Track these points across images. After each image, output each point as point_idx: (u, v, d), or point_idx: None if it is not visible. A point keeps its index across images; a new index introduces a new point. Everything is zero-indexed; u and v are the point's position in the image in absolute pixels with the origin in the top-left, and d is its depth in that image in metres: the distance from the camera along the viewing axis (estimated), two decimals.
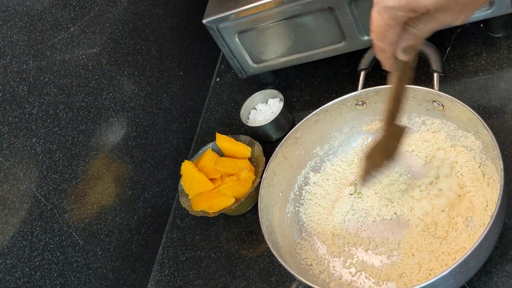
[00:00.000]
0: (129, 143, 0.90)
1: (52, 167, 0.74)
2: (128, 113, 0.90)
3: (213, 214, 0.86)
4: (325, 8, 0.85)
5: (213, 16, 0.92)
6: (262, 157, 0.89)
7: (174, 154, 1.01)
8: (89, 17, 0.83)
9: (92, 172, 0.81)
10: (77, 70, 0.80)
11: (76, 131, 0.79)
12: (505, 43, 0.85)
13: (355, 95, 0.78)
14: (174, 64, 1.04)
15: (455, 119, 0.73)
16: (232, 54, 0.97)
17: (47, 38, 0.75)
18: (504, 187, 0.59)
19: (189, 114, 1.07)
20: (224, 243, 0.88)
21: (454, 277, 0.57)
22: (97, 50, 0.85)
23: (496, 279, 0.64)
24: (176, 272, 0.89)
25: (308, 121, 0.80)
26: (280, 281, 0.78)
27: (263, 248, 0.84)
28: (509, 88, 0.80)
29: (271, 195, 0.78)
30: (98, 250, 0.80)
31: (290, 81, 1.05)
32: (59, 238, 0.74)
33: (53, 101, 0.75)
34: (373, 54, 0.80)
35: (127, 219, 0.87)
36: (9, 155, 0.68)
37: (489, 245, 0.61)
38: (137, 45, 0.94)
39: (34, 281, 0.69)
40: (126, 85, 0.90)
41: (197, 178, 0.90)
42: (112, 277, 0.82)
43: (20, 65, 0.70)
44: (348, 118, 0.82)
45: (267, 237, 0.70)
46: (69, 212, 0.76)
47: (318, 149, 0.84)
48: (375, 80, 0.92)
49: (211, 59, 1.17)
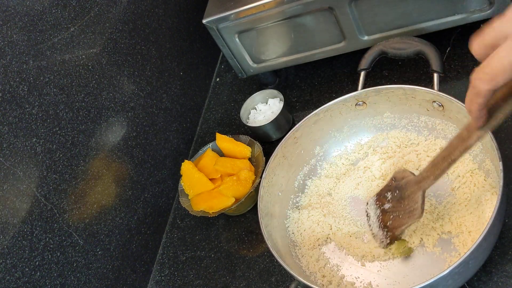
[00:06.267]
0: (129, 143, 0.90)
1: (52, 167, 0.74)
2: (128, 113, 0.90)
3: (213, 214, 0.86)
4: (325, 8, 0.85)
5: (213, 16, 0.92)
6: (262, 157, 0.89)
7: (174, 154, 1.01)
8: (89, 17, 0.83)
9: (92, 172, 0.81)
10: (77, 70, 0.80)
11: (76, 131, 0.79)
12: None
13: (355, 95, 0.78)
14: (174, 64, 1.04)
15: (455, 119, 0.73)
16: (232, 54, 0.97)
17: (47, 38, 0.75)
18: (504, 187, 0.59)
19: (189, 114, 1.07)
20: (224, 243, 0.88)
21: (453, 278, 0.57)
22: (97, 50, 0.85)
23: (496, 279, 0.64)
24: (176, 272, 0.89)
25: (308, 121, 0.80)
26: (280, 281, 0.78)
27: (263, 248, 0.84)
28: None
29: (271, 195, 0.78)
30: (98, 250, 0.80)
31: (290, 81, 1.05)
32: (59, 238, 0.74)
33: (53, 101, 0.75)
34: (373, 54, 0.80)
35: (127, 219, 0.87)
36: (9, 155, 0.68)
37: (488, 245, 0.61)
38: (137, 45, 0.94)
39: (34, 281, 0.69)
40: (126, 85, 0.90)
41: (197, 178, 0.90)
42: (112, 277, 0.82)
43: (20, 65, 0.70)
44: (348, 118, 0.82)
45: (266, 237, 0.70)
46: (69, 212, 0.76)
47: (318, 149, 0.84)
48: (375, 80, 0.92)
49: (211, 59, 1.17)
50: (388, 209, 0.71)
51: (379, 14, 0.84)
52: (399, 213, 0.68)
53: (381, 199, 0.73)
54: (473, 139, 0.56)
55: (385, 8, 0.83)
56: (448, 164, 0.61)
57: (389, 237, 0.69)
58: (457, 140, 0.59)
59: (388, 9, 0.83)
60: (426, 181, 0.65)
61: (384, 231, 0.70)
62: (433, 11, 0.82)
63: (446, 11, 0.82)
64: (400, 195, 0.69)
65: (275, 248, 0.70)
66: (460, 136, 0.59)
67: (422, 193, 0.66)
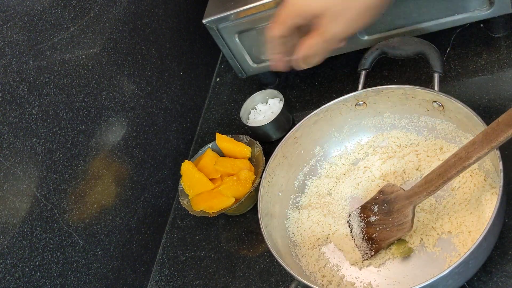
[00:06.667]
0: (129, 143, 0.90)
1: (52, 167, 0.74)
2: (128, 113, 0.90)
3: (213, 214, 0.86)
4: None
5: (213, 16, 0.92)
6: (262, 157, 0.89)
7: (174, 154, 1.01)
8: (89, 17, 0.83)
9: (92, 172, 0.81)
10: (77, 70, 0.80)
11: (76, 131, 0.79)
12: (505, 43, 0.85)
13: (355, 95, 0.78)
14: (174, 64, 1.04)
15: (455, 119, 0.73)
16: (232, 54, 0.97)
17: (47, 38, 0.75)
18: (504, 187, 0.59)
19: (189, 114, 1.07)
20: (224, 243, 0.88)
21: (453, 278, 0.57)
22: (97, 50, 0.85)
23: (496, 279, 0.64)
24: (176, 272, 0.89)
25: (308, 121, 0.80)
26: (280, 281, 0.78)
27: (263, 248, 0.84)
28: (509, 88, 0.80)
29: (271, 195, 0.78)
30: (98, 250, 0.80)
31: (290, 81, 1.05)
32: (59, 238, 0.74)
33: (53, 101, 0.75)
34: (373, 54, 0.80)
35: (127, 219, 0.87)
36: (9, 155, 0.68)
37: (488, 245, 0.61)
38: (137, 45, 0.94)
39: (34, 281, 0.69)
40: (126, 85, 0.90)
41: (197, 178, 0.90)
42: (112, 277, 0.82)
43: (20, 65, 0.70)
44: (348, 118, 0.82)
45: (266, 237, 0.70)
46: (69, 212, 0.76)
47: (318, 149, 0.84)
48: (375, 80, 0.92)
49: (211, 59, 1.17)
50: (374, 222, 0.71)
51: None
52: (386, 226, 0.69)
53: (366, 211, 0.73)
54: (472, 160, 0.57)
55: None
56: (443, 182, 0.62)
57: (374, 249, 0.70)
58: (454, 158, 0.60)
59: (388, 9, 0.83)
60: (418, 196, 0.65)
61: (368, 243, 0.71)
62: (433, 11, 0.82)
63: (446, 11, 0.82)
64: (389, 209, 0.70)
65: (275, 248, 0.70)
66: (458, 155, 0.60)
67: (413, 208, 0.66)
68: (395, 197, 0.70)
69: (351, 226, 0.75)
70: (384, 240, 0.70)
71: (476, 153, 0.58)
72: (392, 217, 0.69)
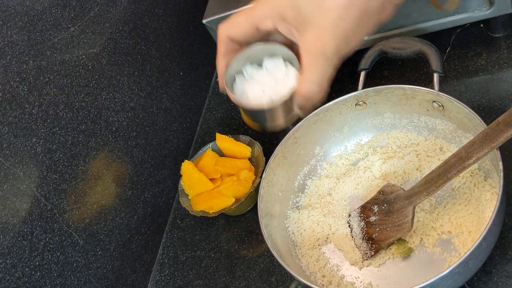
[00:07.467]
0: (129, 143, 0.90)
1: (52, 167, 0.74)
2: (128, 113, 0.90)
3: (213, 214, 0.86)
4: None
5: (213, 16, 0.92)
6: (262, 157, 0.89)
7: (174, 154, 1.01)
8: (89, 17, 0.83)
9: (92, 172, 0.81)
10: (77, 70, 0.80)
11: (76, 131, 0.79)
12: (505, 43, 0.85)
13: (355, 95, 0.78)
14: (174, 64, 1.04)
15: (455, 119, 0.73)
16: None
17: (47, 38, 0.75)
18: (504, 187, 0.59)
19: (189, 114, 1.07)
20: (224, 243, 0.88)
21: (453, 278, 0.57)
22: (97, 50, 0.85)
23: (496, 279, 0.64)
24: (176, 272, 0.89)
25: (308, 121, 0.80)
26: (280, 281, 0.78)
27: (263, 248, 0.84)
28: (509, 88, 0.80)
29: (271, 195, 0.78)
30: (98, 250, 0.80)
31: None
32: (59, 238, 0.74)
33: (53, 101, 0.75)
34: (373, 54, 0.80)
35: (127, 219, 0.87)
36: (9, 155, 0.68)
37: (488, 245, 0.61)
38: (137, 45, 0.94)
39: (34, 281, 0.69)
40: (126, 85, 0.90)
41: (197, 178, 0.90)
42: (112, 277, 0.82)
43: (20, 65, 0.70)
44: (348, 118, 0.82)
45: (266, 237, 0.70)
46: (69, 212, 0.76)
47: (318, 149, 0.84)
48: (375, 80, 0.92)
49: (211, 59, 1.17)
50: (374, 222, 0.71)
51: None
52: (386, 226, 0.69)
53: (366, 211, 0.73)
54: (472, 160, 0.57)
55: None
56: (443, 182, 0.62)
57: (374, 249, 0.70)
58: (454, 158, 0.60)
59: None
60: (418, 196, 0.65)
61: (368, 243, 0.71)
62: (433, 11, 0.82)
63: (446, 11, 0.82)
64: (388, 209, 0.70)
65: (275, 248, 0.70)
66: (458, 155, 0.60)
67: (413, 208, 0.66)
68: (395, 197, 0.70)
69: (351, 226, 0.75)
70: (384, 240, 0.70)
71: (476, 153, 0.58)
72: (392, 217, 0.69)
